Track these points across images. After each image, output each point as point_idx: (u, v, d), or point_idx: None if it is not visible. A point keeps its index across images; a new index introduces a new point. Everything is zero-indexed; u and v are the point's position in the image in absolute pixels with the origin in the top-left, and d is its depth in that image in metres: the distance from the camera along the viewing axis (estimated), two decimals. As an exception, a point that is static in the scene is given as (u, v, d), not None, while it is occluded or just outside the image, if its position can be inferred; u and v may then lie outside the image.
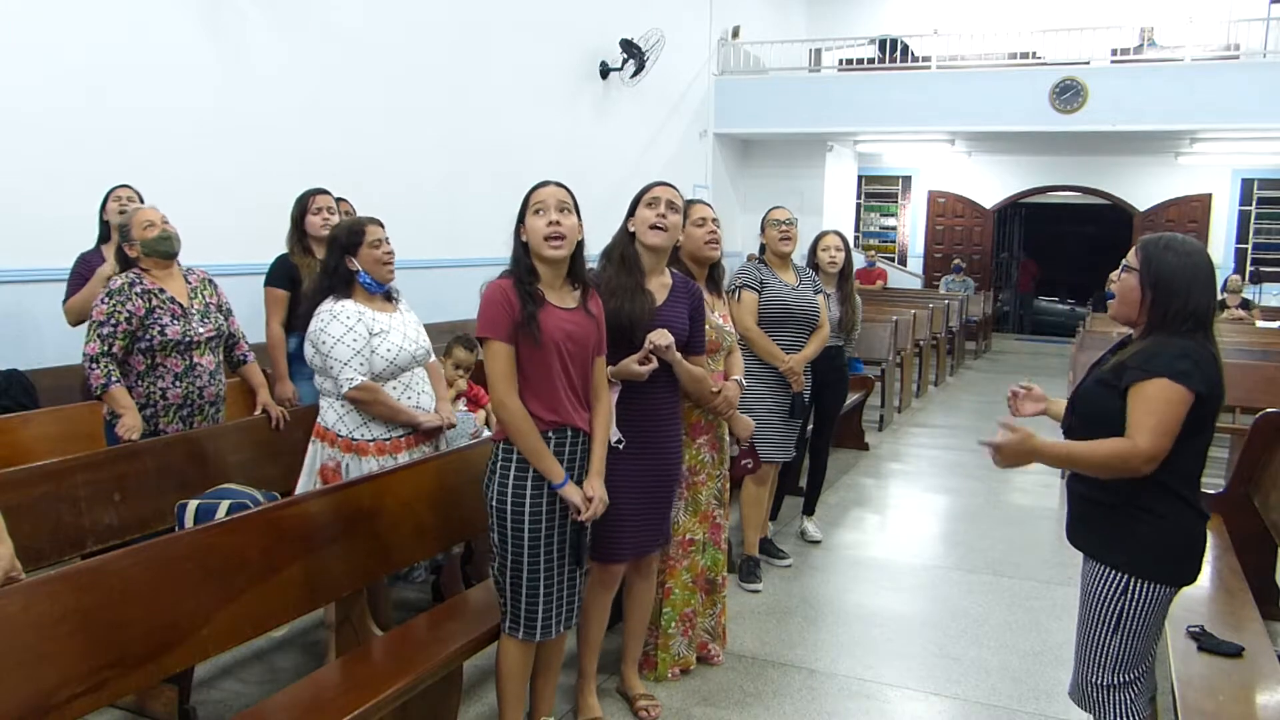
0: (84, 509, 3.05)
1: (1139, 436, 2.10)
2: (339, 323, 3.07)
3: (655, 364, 2.81)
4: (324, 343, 3.07)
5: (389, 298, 3.27)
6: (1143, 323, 2.23)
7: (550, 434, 2.54)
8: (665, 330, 2.83)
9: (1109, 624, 2.25)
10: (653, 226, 2.88)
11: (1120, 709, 2.28)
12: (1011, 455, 2.17)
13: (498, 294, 2.50)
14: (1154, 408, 2.10)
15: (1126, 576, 2.21)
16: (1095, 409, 2.25)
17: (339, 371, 3.05)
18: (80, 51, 4.86)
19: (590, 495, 2.58)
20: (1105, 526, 2.27)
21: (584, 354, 2.59)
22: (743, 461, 3.52)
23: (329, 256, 3.21)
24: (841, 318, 4.69)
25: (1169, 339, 2.15)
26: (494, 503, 2.58)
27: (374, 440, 3.13)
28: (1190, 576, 2.25)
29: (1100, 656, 2.28)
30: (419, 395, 3.26)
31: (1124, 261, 2.29)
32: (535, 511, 2.54)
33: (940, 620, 4.00)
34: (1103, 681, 2.29)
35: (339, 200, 4.78)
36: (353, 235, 3.16)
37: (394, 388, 3.17)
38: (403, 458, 3.15)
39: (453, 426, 3.41)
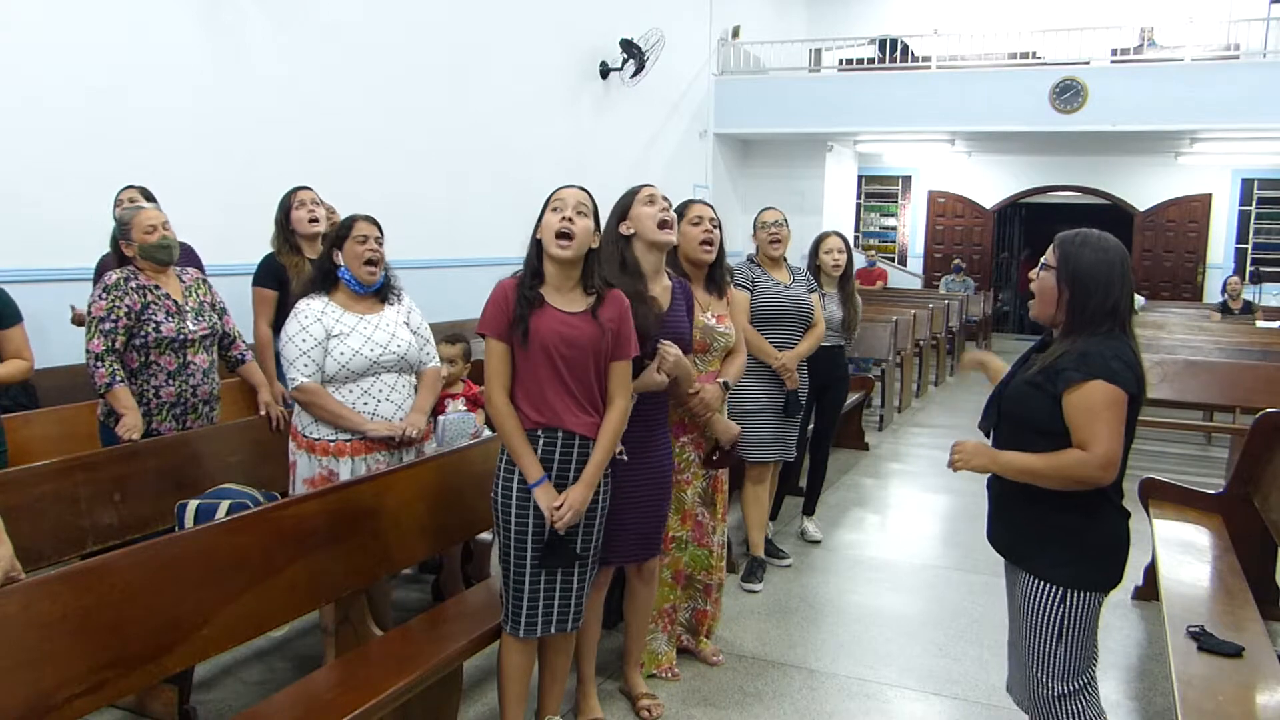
0: (84, 509, 3.05)
1: (1093, 445, 2.09)
2: (295, 320, 3.08)
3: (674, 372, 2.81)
4: (280, 339, 3.14)
5: (382, 298, 3.21)
6: (1061, 320, 2.22)
7: (539, 433, 2.55)
8: (673, 343, 2.83)
9: (1052, 634, 2.23)
10: (661, 224, 2.85)
11: (1078, 716, 2.25)
12: (971, 452, 2.27)
13: (499, 293, 2.55)
14: (1098, 413, 2.09)
15: (1062, 588, 2.21)
16: (1025, 411, 2.24)
17: (285, 369, 3.08)
18: (79, 52, 4.87)
19: (558, 503, 2.52)
20: (1033, 533, 2.27)
21: (583, 359, 2.55)
22: (712, 456, 3.30)
23: (323, 252, 3.24)
24: (844, 318, 4.70)
25: (1094, 339, 2.14)
26: (492, 495, 2.65)
27: (319, 440, 3.10)
28: (1118, 579, 2.25)
29: (1049, 665, 2.25)
30: (379, 403, 3.13)
31: (1043, 259, 2.29)
32: (522, 509, 2.57)
33: (940, 620, 4.00)
34: (1056, 691, 2.25)
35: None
36: (341, 229, 3.17)
37: (349, 391, 3.09)
38: (345, 462, 3.08)
39: (411, 442, 3.20)
